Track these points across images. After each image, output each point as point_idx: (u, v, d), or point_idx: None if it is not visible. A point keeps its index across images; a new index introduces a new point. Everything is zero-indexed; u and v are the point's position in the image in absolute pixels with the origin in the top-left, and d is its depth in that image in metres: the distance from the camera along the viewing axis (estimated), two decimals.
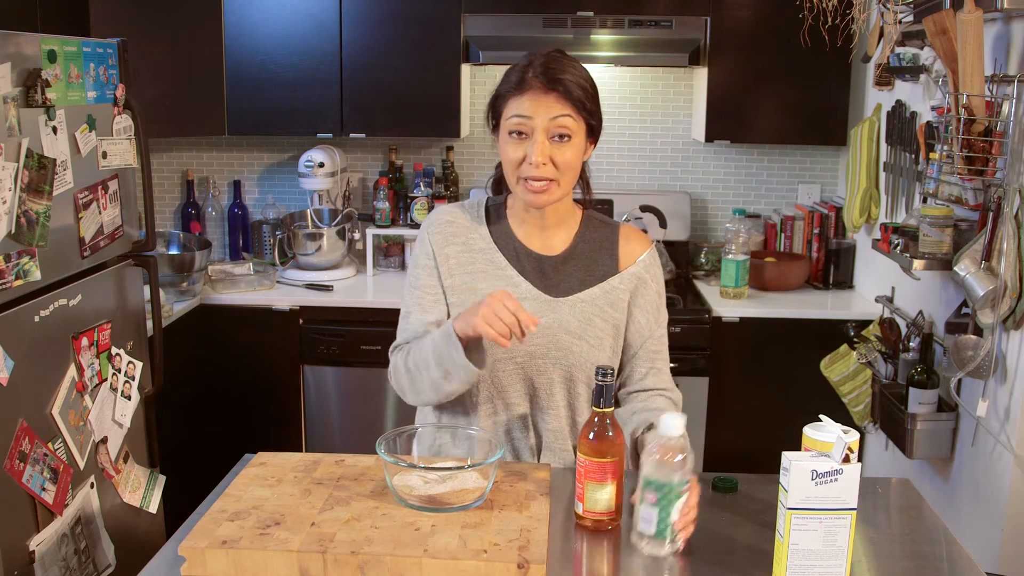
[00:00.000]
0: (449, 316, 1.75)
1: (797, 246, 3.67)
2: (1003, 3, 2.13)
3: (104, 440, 2.41)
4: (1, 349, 1.97)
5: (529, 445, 1.76)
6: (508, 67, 1.68)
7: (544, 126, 1.61)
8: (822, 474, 1.24)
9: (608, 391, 1.45)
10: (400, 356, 1.73)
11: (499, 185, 1.81)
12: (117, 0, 3.19)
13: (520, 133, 1.62)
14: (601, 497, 1.45)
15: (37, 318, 2.13)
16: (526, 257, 1.74)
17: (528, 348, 1.69)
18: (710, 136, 3.48)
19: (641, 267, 1.76)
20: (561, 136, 1.62)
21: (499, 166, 1.76)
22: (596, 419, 1.45)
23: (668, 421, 1.40)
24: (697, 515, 1.42)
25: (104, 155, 2.41)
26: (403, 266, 3.79)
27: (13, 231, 2.01)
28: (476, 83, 3.76)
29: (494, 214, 1.79)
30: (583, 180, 1.77)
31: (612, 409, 1.46)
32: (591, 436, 1.44)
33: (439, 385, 1.65)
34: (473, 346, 1.61)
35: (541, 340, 1.69)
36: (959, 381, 2.51)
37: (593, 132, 1.68)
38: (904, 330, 2.83)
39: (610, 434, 1.44)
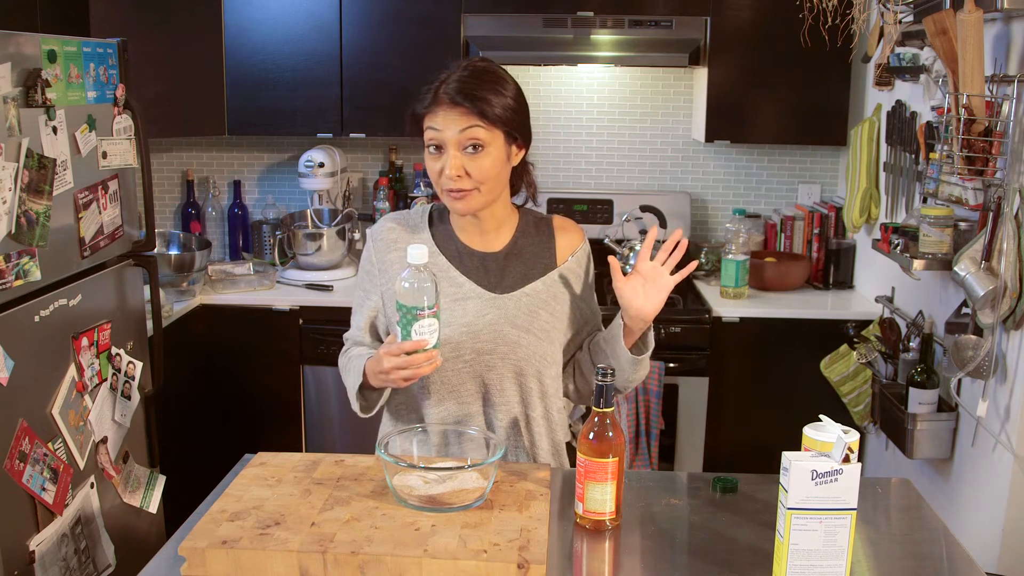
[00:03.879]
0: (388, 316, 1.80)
1: (797, 246, 3.67)
2: (1003, 3, 2.13)
3: (104, 440, 2.41)
4: (1, 349, 1.97)
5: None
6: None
7: (455, 139, 1.64)
8: (822, 474, 1.24)
9: (608, 391, 1.45)
10: (341, 361, 1.83)
11: None
12: (117, 0, 3.19)
13: (437, 147, 1.66)
14: (601, 497, 1.45)
15: (37, 318, 2.13)
16: (468, 257, 1.77)
17: (475, 345, 1.71)
18: (710, 136, 3.48)
19: (575, 262, 1.83)
20: (475, 147, 1.64)
21: None
22: (596, 419, 1.45)
23: (411, 251, 1.49)
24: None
25: (104, 155, 2.41)
26: None
27: (13, 231, 2.01)
28: None
29: (437, 219, 1.83)
30: (526, 182, 1.82)
31: (612, 409, 1.46)
32: (591, 436, 1.44)
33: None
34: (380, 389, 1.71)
35: (488, 336, 1.72)
36: (959, 381, 2.51)
37: (515, 138, 1.71)
38: (904, 330, 2.83)
39: (610, 434, 1.44)
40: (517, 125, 1.69)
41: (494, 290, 1.75)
